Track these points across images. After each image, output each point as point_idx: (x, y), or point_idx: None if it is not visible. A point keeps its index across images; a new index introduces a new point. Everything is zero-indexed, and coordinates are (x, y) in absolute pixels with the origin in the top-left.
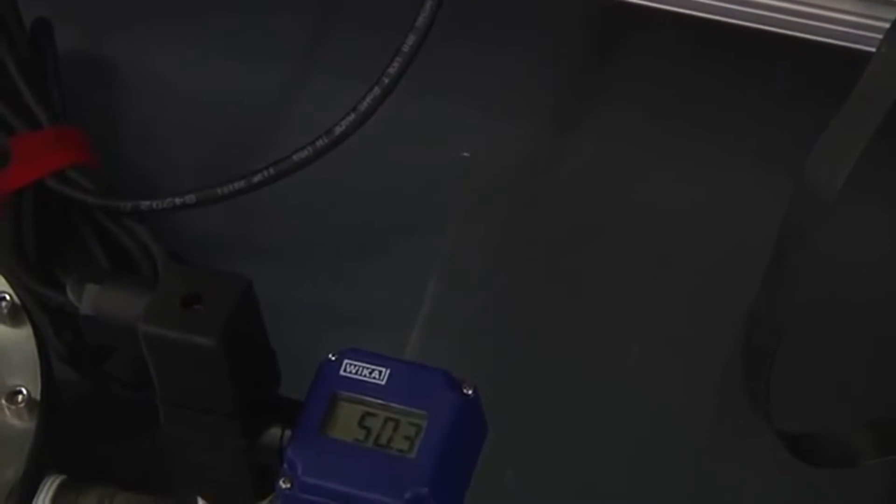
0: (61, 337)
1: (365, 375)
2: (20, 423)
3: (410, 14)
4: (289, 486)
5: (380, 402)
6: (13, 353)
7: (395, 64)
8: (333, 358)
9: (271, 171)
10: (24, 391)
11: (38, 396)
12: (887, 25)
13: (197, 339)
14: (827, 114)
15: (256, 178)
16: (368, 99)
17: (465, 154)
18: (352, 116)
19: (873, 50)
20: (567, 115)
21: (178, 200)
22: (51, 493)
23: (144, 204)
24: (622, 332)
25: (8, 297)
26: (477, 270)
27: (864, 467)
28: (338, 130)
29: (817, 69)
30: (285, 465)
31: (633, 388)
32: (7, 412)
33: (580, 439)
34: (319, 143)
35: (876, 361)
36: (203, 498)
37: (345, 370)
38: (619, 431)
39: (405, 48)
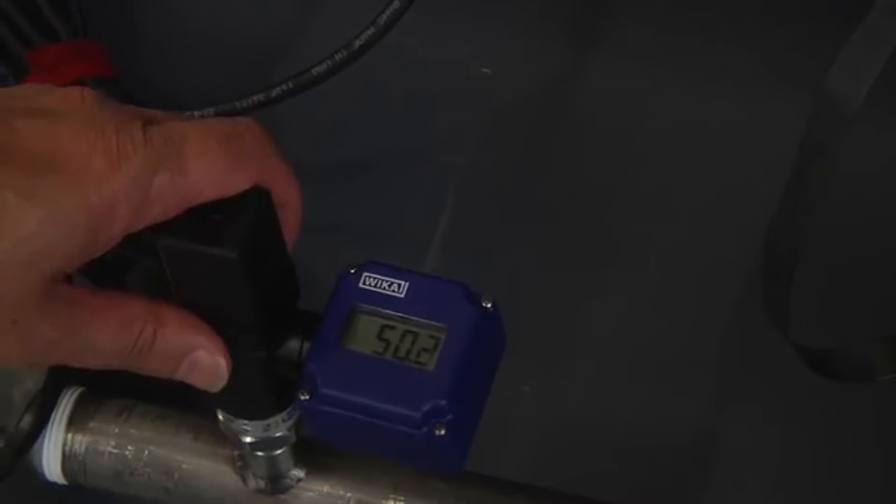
0: None
1: (384, 288)
2: None
3: None
4: (308, 397)
5: (399, 314)
6: None
7: None
8: (353, 271)
9: (290, 84)
10: None
11: None
12: None
13: (217, 251)
14: (847, 29)
15: (275, 92)
16: (388, 13)
17: (486, 70)
18: (371, 30)
19: None
20: (587, 30)
21: (196, 114)
22: (70, 405)
23: None
24: (640, 248)
25: None
26: (495, 186)
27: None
28: (357, 44)
29: None
30: (304, 377)
31: (650, 304)
32: None
33: (598, 354)
34: (338, 56)
35: (894, 276)
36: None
37: (364, 283)
38: (638, 346)
39: None
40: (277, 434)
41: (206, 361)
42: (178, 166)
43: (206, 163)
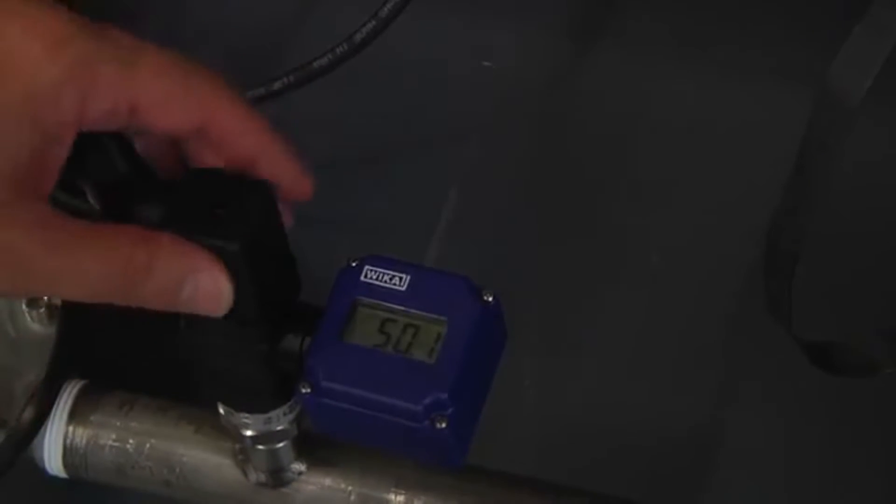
0: None
1: (385, 282)
2: (41, 328)
3: None
4: (309, 390)
5: (400, 308)
6: None
7: None
8: (354, 264)
9: (291, 78)
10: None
11: (58, 301)
12: None
13: (219, 244)
14: (850, 23)
15: (276, 85)
16: (389, 6)
17: (487, 64)
18: (372, 23)
19: None
20: (589, 25)
21: None
22: (72, 398)
23: None
24: (643, 242)
25: None
26: (497, 180)
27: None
28: (358, 38)
29: None
30: (305, 371)
31: (653, 298)
32: (28, 317)
33: (600, 348)
34: (339, 50)
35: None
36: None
37: (365, 276)
38: (640, 341)
39: None
40: (278, 427)
41: (208, 284)
42: (127, 62)
43: (158, 76)
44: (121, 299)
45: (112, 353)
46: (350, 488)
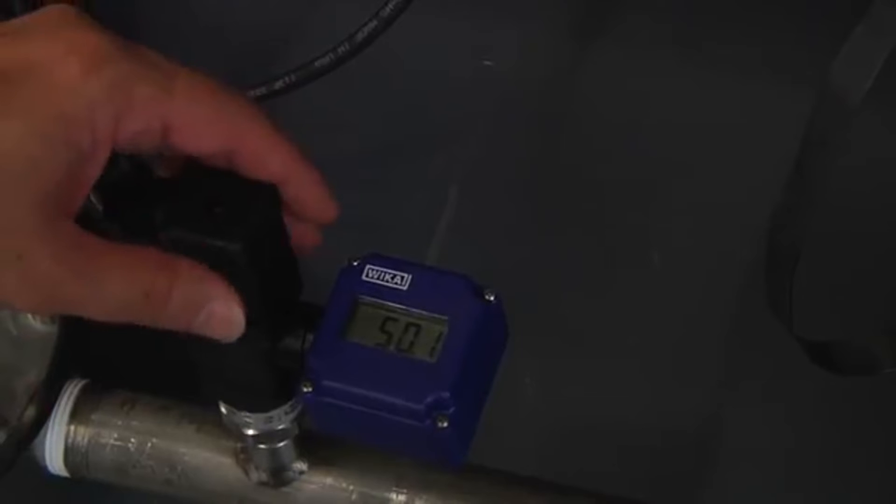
0: None
1: (387, 280)
2: (43, 327)
3: None
4: (310, 389)
5: (401, 307)
6: None
7: None
8: (355, 263)
9: (293, 77)
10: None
11: None
12: None
13: (221, 243)
14: (850, 22)
15: (278, 85)
16: (390, 6)
17: (488, 62)
18: (373, 23)
19: None
20: (590, 23)
21: None
22: (73, 397)
23: None
24: (644, 241)
25: None
26: (498, 178)
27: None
28: (360, 37)
29: None
30: (307, 369)
31: (654, 297)
32: (30, 316)
33: (601, 348)
34: (341, 49)
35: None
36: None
37: (367, 275)
38: (641, 340)
39: None
40: (280, 427)
41: (222, 311)
42: (163, 86)
43: (191, 100)
44: (137, 321)
45: (113, 352)
46: (351, 487)
